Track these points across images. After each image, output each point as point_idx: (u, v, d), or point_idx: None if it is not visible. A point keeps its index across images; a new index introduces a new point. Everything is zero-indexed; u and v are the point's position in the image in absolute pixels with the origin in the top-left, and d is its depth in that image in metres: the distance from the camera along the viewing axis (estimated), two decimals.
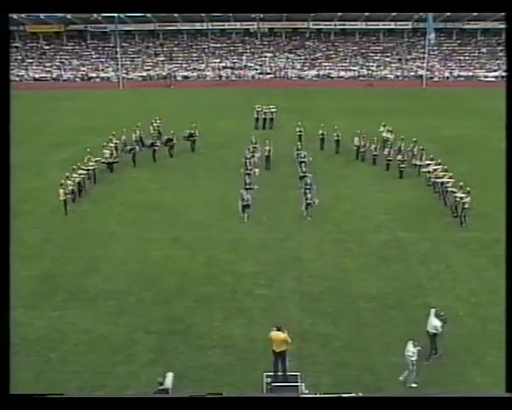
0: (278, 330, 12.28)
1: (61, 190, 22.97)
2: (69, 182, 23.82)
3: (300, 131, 33.96)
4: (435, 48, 74.39)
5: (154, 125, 35.05)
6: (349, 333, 14.60)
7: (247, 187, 23.65)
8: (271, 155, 29.32)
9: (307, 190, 22.97)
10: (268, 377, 11.95)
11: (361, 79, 73.23)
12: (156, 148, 31.17)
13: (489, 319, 14.88)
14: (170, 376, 11.28)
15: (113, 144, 30.32)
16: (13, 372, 6.16)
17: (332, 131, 32.53)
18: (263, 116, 39.68)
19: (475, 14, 70.11)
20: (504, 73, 55.42)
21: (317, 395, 9.44)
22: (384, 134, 32.63)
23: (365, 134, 31.29)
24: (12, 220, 6.63)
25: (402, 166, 27.61)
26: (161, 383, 10.89)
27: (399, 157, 28.07)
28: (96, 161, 27.50)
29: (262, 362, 12.86)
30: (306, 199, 22.46)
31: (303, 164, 26.95)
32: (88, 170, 26.41)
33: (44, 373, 12.92)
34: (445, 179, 23.95)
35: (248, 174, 25.36)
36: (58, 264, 18.69)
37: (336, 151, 32.24)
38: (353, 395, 9.44)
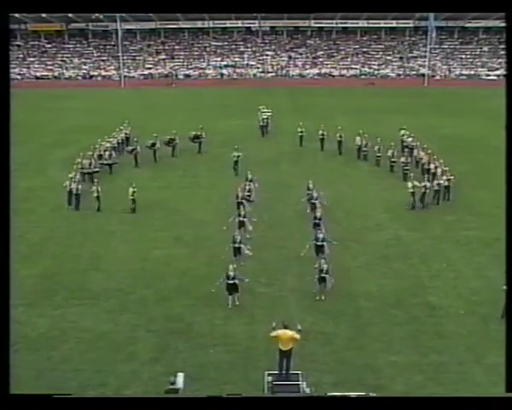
0: (285, 327, 12.20)
1: (67, 182, 23.48)
2: (70, 183, 23.85)
3: (302, 132, 33.89)
4: (436, 46, 74.24)
5: (121, 134, 33.44)
6: (350, 332, 14.58)
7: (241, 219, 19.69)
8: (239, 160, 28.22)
9: (321, 253, 17.62)
10: (269, 375, 11.93)
11: (362, 77, 73.15)
12: (156, 148, 31.03)
13: (490, 317, 14.88)
14: (181, 376, 11.27)
15: (110, 145, 30.31)
16: (13, 371, 6.16)
17: (334, 131, 32.40)
18: (261, 123, 37.53)
19: None
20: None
21: (318, 395, 9.46)
22: (405, 138, 31.38)
23: (367, 133, 31.23)
24: (12, 219, 6.62)
25: (406, 168, 27.22)
26: (173, 383, 10.87)
27: (403, 159, 27.75)
28: (95, 161, 27.50)
29: (263, 361, 12.87)
30: (321, 271, 16.13)
31: (317, 208, 20.51)
32: (89, 169, 26.39)
33: (45, 372, 12.91)
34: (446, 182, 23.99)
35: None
36: (59, 262, 18.70)
37: (339, 152, 31.93)
38: (354, 394, 9.45)
